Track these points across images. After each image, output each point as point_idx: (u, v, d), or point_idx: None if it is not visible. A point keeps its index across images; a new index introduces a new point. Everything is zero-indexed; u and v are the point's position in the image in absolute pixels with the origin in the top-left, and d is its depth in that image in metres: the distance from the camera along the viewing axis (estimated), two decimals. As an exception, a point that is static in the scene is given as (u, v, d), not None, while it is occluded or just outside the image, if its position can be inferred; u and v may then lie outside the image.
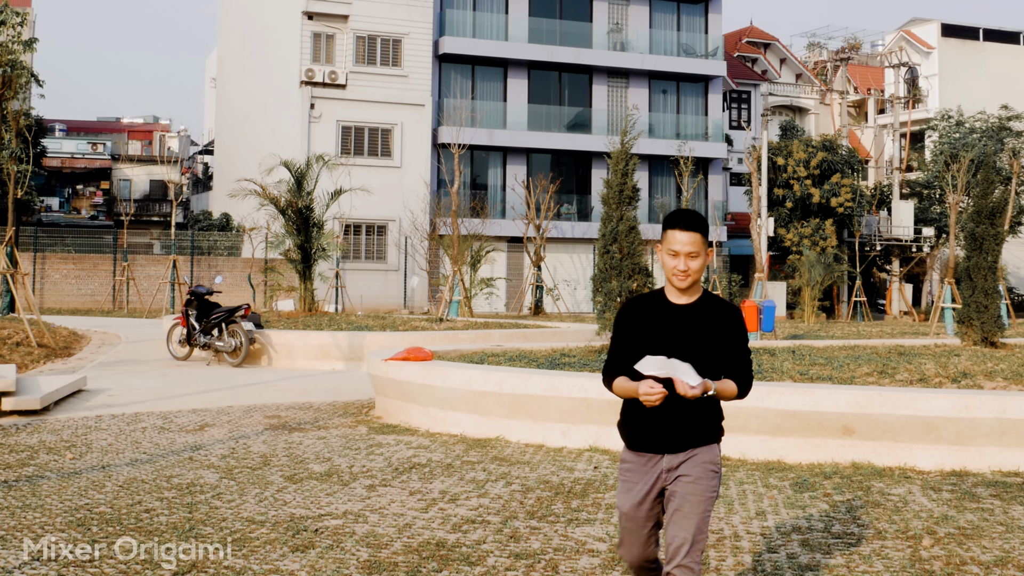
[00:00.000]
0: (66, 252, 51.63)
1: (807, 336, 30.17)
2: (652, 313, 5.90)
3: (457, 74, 55.97)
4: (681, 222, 5.81)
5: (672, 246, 5.78)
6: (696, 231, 5.77)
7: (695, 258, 5.76)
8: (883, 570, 7.88)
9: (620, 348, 5.97)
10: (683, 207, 6.65)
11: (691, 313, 5.85)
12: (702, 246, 5.82)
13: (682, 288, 5.83)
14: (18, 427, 14.51)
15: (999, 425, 11.74)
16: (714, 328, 5.81)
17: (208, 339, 24.77)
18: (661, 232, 5.99)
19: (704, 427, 5.88)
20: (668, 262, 5.81)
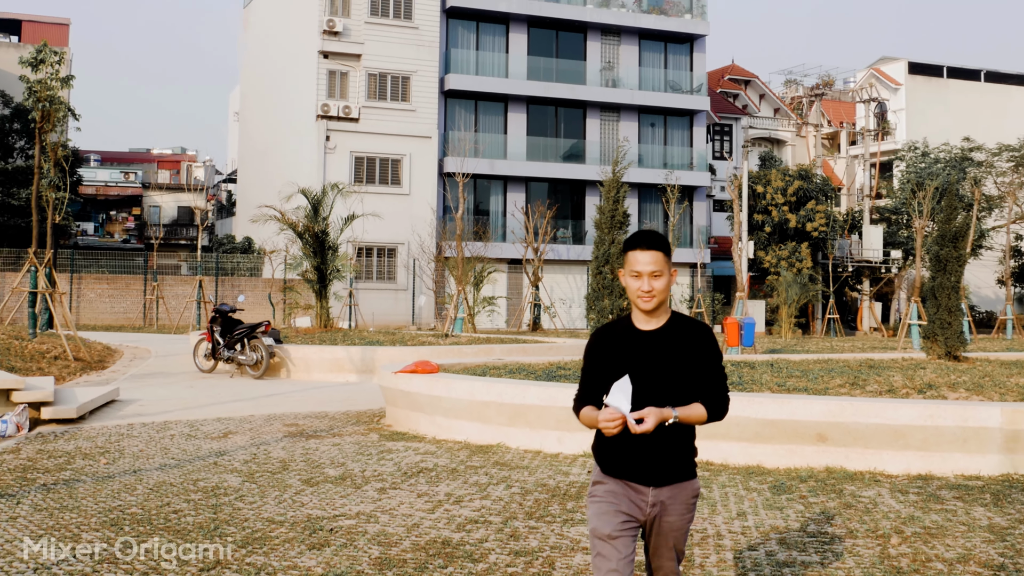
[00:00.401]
0: (100, 273, 51.62)
1: (784, 351, 30.16)
2: (619, 342, 5.36)
3: (461, 108, 56.04)
4: (642, 242, 5.29)
5: (634, 267, 5.26)
6: (657, 249, 5.26)
7: (658, 277, 5.24)
8: (854, 567, 7.88)
9: (588, 378, 5.46)
10: (646, 229, 5.29)
11: (659, 339, 5.29)
12: (665, 265, 5.29)
13: (648, 310, 5.26)
14: (56, 434, 14.51)
15: (961, 433, 11.75)
16: (685, 352, 5.25)
17: (231, 353, 24.77)
18: (622, 256, 5.79)
19: (683, 457, 5.33)
20: (631, 284, 5.29)
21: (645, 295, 5.22)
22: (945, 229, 21.33)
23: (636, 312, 5.37)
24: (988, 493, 10.62)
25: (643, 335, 5.30)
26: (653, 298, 5.22)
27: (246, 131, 67.44)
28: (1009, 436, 11.71)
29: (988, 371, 17.34)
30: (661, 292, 5.24)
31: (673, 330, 5.31)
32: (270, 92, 60.92)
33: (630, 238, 5.38)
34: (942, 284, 20.95)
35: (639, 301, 5.24)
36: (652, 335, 5.29)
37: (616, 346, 5.35)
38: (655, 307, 5.26)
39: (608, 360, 5.32)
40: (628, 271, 5.30)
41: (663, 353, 5.23)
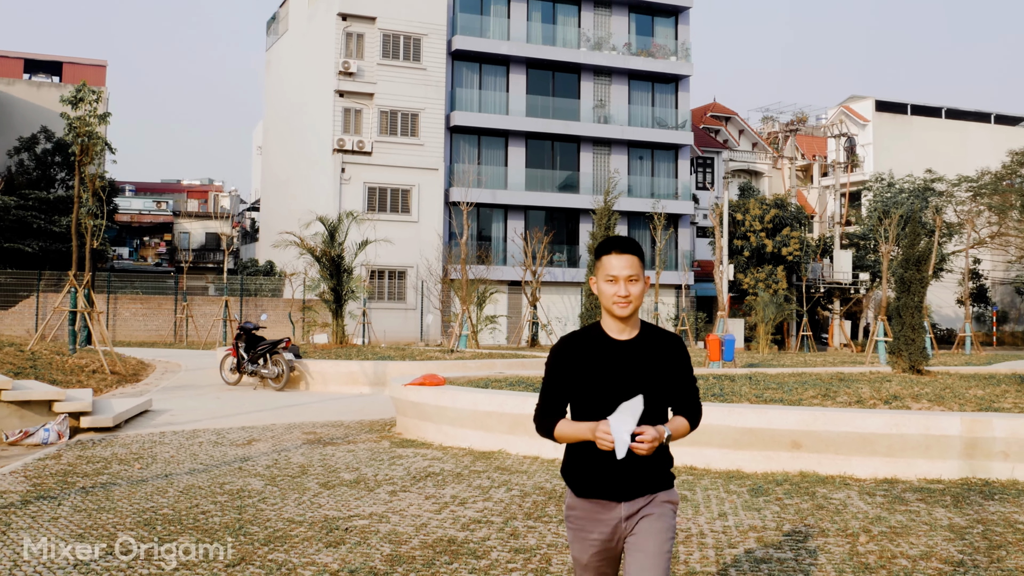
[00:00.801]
0: (134, 294, 51.63)
1: (762, 365, 30.14)
2: (592, 351, 4.74)
3: (465, 143, 56.10)
4: (616, 246, 4.74)
5: (609, 271, 4.69)
6: (632, 254, 4.72)
7: (635, 282, 4.69)
8: (826, 563, 7.88)
9: (556, 390, 4.78)
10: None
11: (634, 349, 4.73)
12: (640, 270, 4.75)
13: (623, 316, 4.68)
14: (94, 441, 14.51)
15: (924, 440, 11.76)
16: (661, 363, 4.72)
17: (255, 367, 24.77)
18: (594, 262, 4.93)
19: (660, 470, 4.74)
20: (606, 290, 4.71)
21: (622, 300, 4.66)
22: (909, 253, 21.35)
23: (608, 320, 4.79)
24: (948, 495, 10.62)
25: (619, 345, 4.73)
26: (629, 303, 4.67)
27: (268, 163, 67.52)
28: (968, 443, 11.72)
29: (948, 384, 17.33)
30: (637, 298, 4.71)
31: (647, 340, 4.79)
32: (290, 128, 61.01)
33: (603, 242, 4.81)
34: (906, 304, 20.96)
35: (615, 307, 4.68)
36: (628, 345, 4.74)
37: (589, 356, 4.73)
38: (631, 313, 4.71)
39: (581, 371, 4.71)
40: (603, 276, 4.74)
41: (641, 364, 4.69)
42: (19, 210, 53.45)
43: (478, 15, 56.61)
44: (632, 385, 4.61)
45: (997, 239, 67.98)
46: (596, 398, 4.64)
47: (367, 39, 53.53)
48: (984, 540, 8.64)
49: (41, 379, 19.43)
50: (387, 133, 53.56)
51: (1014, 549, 8.32)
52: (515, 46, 56.37)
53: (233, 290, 51.62)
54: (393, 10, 53.81)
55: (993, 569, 7.72)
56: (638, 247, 4.77)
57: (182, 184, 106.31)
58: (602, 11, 59.67)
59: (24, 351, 22.63)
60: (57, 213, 55.29)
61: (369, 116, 53.34)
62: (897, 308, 21.26)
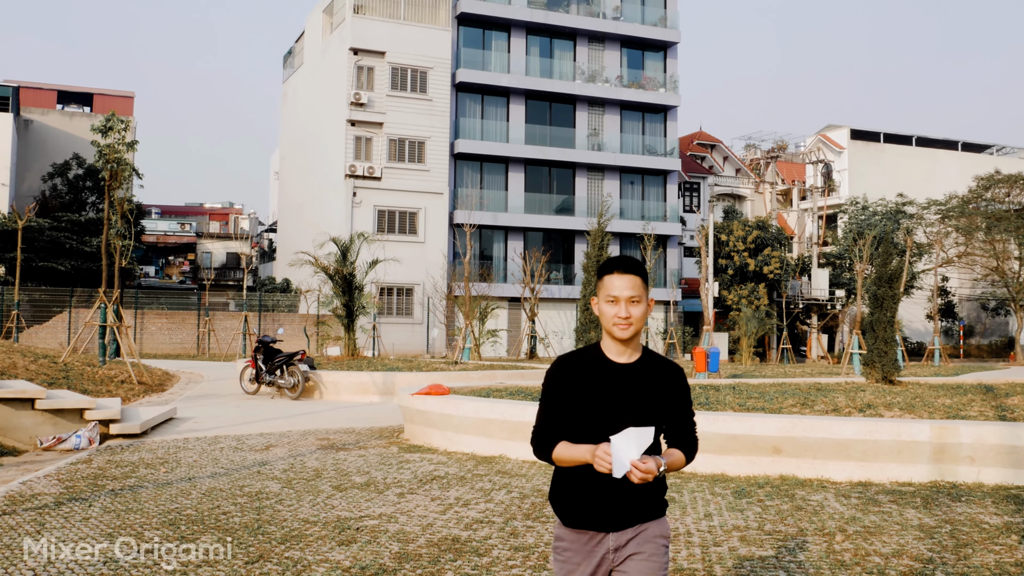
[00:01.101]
0: (160, 309, 51.64)
1: (744, 376, 30.14)
2: (591, 372, 4.26)
3: (468, 169, 56.15)
4: (619, 266, 4.29)
5: (611, 292, 4.25)
6: (635, 274, 4.28)
7: (637, 304, 4.24)
8: (804, 560, 7.89)
9: (554, 412, 4.29)
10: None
11: (634, 373, 4.26)
12: (643, 291, 4.29)
13: (624, 339, 4.23)
14: (122, 447, 14.52)
15: (896, 446, 11.77)
16: (660, 390, 4.26)
17: (272, 378, 24.78)
18: (596, 282, 4.43)
19: (652, 499, 4.26)
20: (607, 311, 4.26)
21: (622, 322, 4.21)
22: (882, 272, 21.38)
23: (609, 342, 4.32)
24: (919, 497, 10.63)
25: (618, 368, 4.27)
26: (631, 326, 4.21)
27: (285, 188, 67.56)
28: (936, 449, 11.73)
29: (919, 393, 17.35)
30: (639, 320, 4.24)
31: (648, 366, 4.32)
32: (305, 154, 61.07)
33: (606, 262, 4.38)
34: (879, 319, 20.99)
35: (615, 329, 4.23)
36: (628, 369, 4.27)
37: (587, 378, 4.26)
38: (632, 336, 4.25)
39: (579, 392, 4.23)
40: (604, 296, 4.31)
41: (640, 390, 4.23)
42: (53, 231, 53.50)
43: (480, 50, 56.73)
44: (629, 410, 4.17)
45: (964, 258, 67.99)
46: (592, 421, 4.18)
47: (377, 72, 53.62)
48: (952, 539, 8.65)
49: (73, 389, 19.44)
50: (395, 160, 53.62)
51: (979, 547, 8.33)
52: (515, 79, 56.48)
53: (252, 306, 51.62)
54: (401, 45, 53.93)
55: (960, 566, 7.73)
56: (642, 268, 4.31)
57: (204, 207, 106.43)
58: (596, 46, 59.80)
59: (57, 363, 22.63)
60: (88, 234, 55.36)
61: (379, 144, 53.39)
62: (871, 323, 21.28)
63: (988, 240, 65.60)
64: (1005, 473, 11.55)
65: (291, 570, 7.49)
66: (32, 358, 21.93)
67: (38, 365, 21.05)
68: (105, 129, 25.21)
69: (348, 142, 52.83)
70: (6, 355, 20.81)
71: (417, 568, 7.59)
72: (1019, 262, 66.70)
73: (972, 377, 27.90)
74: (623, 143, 59.87)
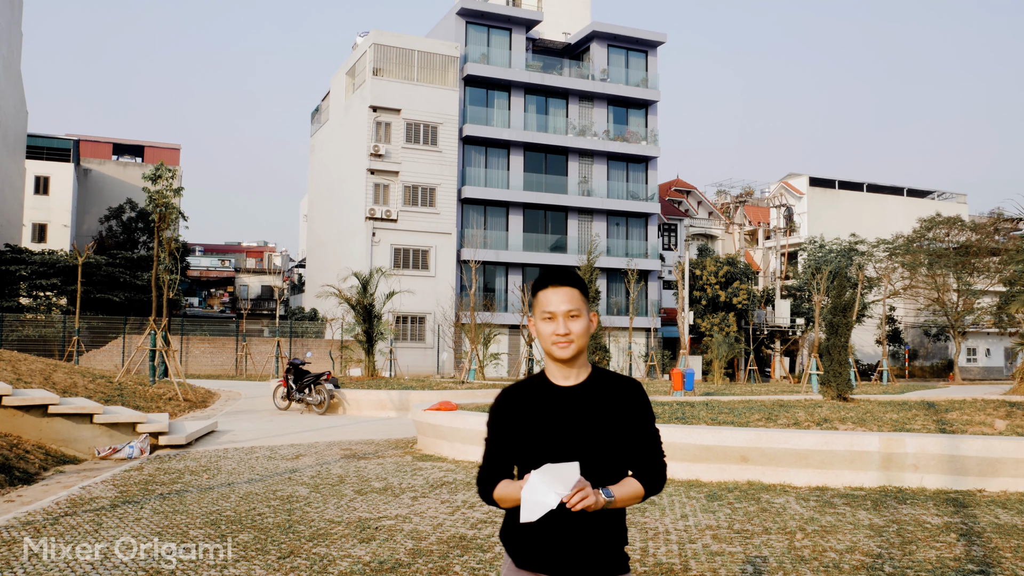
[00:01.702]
0: (203, 335, 51.62)
1: (716, 394, 30.11)
2: (534, 401, 3.47)
3: (474, 212, 56.25)
4: (553, 279, 3.48)
5: (547, 308, 3.43)
6: (572, 286, 3.45)
7: (576, 319, 3.42)
8: (768, 555, 7.90)
9: (497, 448, 3.49)
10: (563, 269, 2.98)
11: (581, 396, 3.43)
12: (583, 305, 3.46)
13: (565, 359, 3.41)
14: (170, 456, 14.52)
15: (849, 455, 11.78)
16: (614, 412, 3.40)
17: (302, 395, 24.77)
18: (531, 302, 3.58)
19: (611, 546, 3.34)
20: (544, 330, 3.43)
21: (562, 340, 3.39)
22: (837, 302, 21.45)
23: (552, 365, 3.50)
24: (869, 500, 10.63)
25: (562, 392, 3.45)
26: (571, 343, 3.40)
27: (312, 228, 67.66)
28: (885, 457, 11.74)
29: (869, 409, 17.35)
30: (580, 336, 3.43)
31: (597, 386, 3.46)
32: (330, 199, 61.18)
33: (539, 277, 3.53)
34: (834, 343, 21.03)
35: (555, 349, 3.41)
36: (573, 392, 3.44)
37: (531, 407, 3.45)
38: (573, 355, 3.42)
39: (522, 424, 3.42)
40: (540, 314, 3.47)
41: (587, 413, 3.39)
42: (108, 267, 53.53)
43: (484, 107, 56.93)
44: (576, 437, 3.34)
45: (909, 291, 68.09)
46: (536, 453, 3.34)
47: (393, 127, 53.80)
48: (898, 537, 8.66)
49: (127, 405, 19.44)
50: (410, 204, 53.71)
51: (923, 544, 8.34)
52: (514, 133, 56.68)
53: (284, 332, 51.64)
54: (415, 104, 54.14)
55: (905, 560, 7.74)
56: (579, 280, 3.50)
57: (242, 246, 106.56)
58: (585, 104, 60.01)
59: (113, 382, 22.62)
60: (140, 269, 55.40)
61: (395, 190, 53.51)
62: (827, 347, 21.32)
63: (930, 275, 65.73)
64: (945, 479, 11.56)
65: (318, 564, 7.50)
66: (91, 378, 21.93)
67: (96, 384, 21.05)
68: (155, 177, 25.31)
69: (368, 188, 52.94)
70: (68, 376, 20.82)
71: (429, 563, 7.59)
72: (957, 294, 66.90)
73: (916, 395, 27.93)
74: (609, 189, 59.98)
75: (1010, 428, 13.63)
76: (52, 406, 14.57)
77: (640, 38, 60.56)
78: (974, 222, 71.16)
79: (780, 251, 72.74)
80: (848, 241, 68.44)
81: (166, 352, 25.24)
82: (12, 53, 52.90)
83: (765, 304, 66.37)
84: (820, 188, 79.48)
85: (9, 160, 53.83)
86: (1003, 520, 9.51)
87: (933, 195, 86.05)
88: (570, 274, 3.44)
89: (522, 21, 57.70)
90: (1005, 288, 59.32)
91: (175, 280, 27.36)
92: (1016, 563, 7.67)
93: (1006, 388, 40.63)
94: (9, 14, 51.06)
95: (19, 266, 50.00)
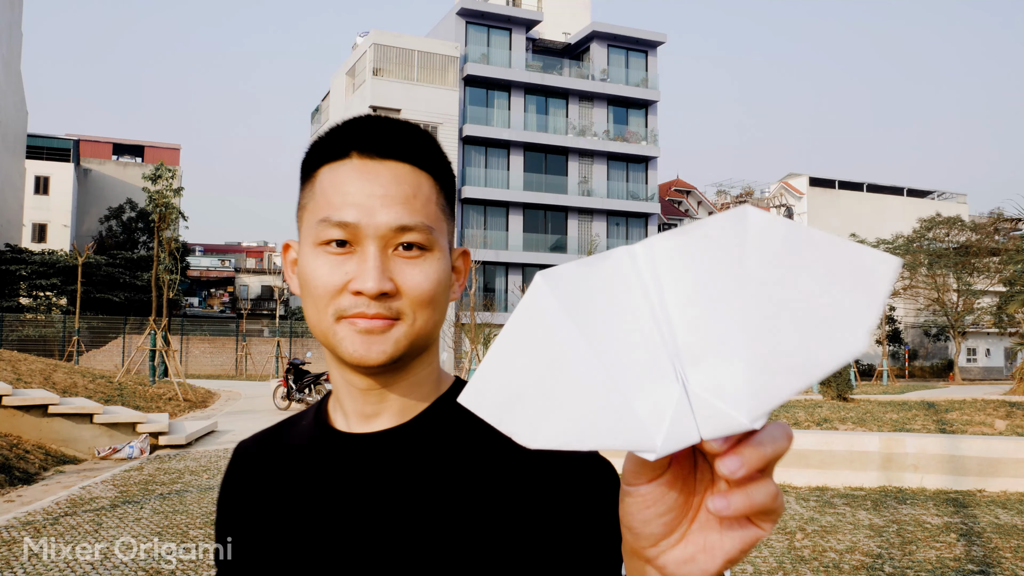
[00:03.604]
0: (203, 335, 51.65)
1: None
2: (292, 473, 1.22)
3: (474, 212, 56.27)
4: (365, 131, 1.19)
5: (333, 214, 1.11)
6: (407, 160, 1.17)
7: (418, 253, 1.13)
8: (768, 555, 7.91)
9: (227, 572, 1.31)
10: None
11: (404, 459, 1.13)
12: (438, 214, 1.19)
13: (376, 363, 1.10)
14: (170, 456, 14.53)
15: (849, 455, 11.79)
16: (497, 504, 1.06)
17: (302, 395, 24.78)
18: (300, 200, 1.25)
19: None
20: (320, 278, 1.13)
21: (369, 313, 1.10)
22: (836, 302, 21.46)
23: (341, 382, 1.22)
24: (869, 500, 10.64)
25: (355, 450, 1.17)
26: (395, 323, 1.11)
27: (313, 229, 67.59)
28: (885, 458, 11.75)
29: (869, 409, 17.36)
30: (421, 304, 1.13)
31: (454, 433, 1.15)
32: (331, 200, 61.15)
33: (331, 132, 1.22)
34: (834, 343, 21.04)
35: (348, 337, 1.12)
36: (381, 449, 1.15)
37: (283, 489, 1.22)
38: (399, 353, 1.11)
39: (261, 531, 1.25)
40: (312, 233, 1.16)
41: (414, 511, 1.09)
42: (108, 267, 53.57)
43: (484, 107, 56.96)
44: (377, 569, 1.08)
45: (909, 291, 68.08)
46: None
47: (394, 127, 53.80)
48: (898, 537, 8.67)
49: (127, 405, 19.45)
50: (410, 204, 53.69)
51: (922, 544, 8.35)
52: (514, 133, 56.70)
53: (284, 332, 51.65)
54: (415, 103, 54.14)
55: (905, 560, 7.75)
56: (425, 140, 1.27)
57: (242, 245, 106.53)
58: (585, 104, 60.03)
59: (113, 382, 22.64)
60: (139, 269, 55.42)
61: (395, 190, 53.50)
62: (827, 347, 21.32)
63: (930, 275, 65.72)
64: (945, 479, 11.57)
65: (318, 564, 7.50)
66: (91, 378, 21.95)
67: (96, 384, 21.07)
68: (155, 177, 25.33)
69: (368, 189, 52.88)
70: (68, 376, 20.84)
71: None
72: (957, 294, 66.86)
73: (916, 395, 27.94)
74: (609, 189, 60.00)
75: (1010, 428, 13.65)
76: (52, 406, 14.59)
77: (640, 38, 60.58)
78: (974, 222, 71.13)
79: (780, 251, 72.52)
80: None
81: (166, 352, 25.26)
82: (12, 53, 52.91)
83: (765, 304, 66.29)
84: (820, 188, 79.46)
85: (9, 160, 53.84)
86: (1003, 520, 9.51)
87: (933, 195, 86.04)
88: (401, 128, 1.24)
89: (522, 21, 57.71)
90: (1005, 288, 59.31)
91: (175, 280, 27.38)
92: (1016, 563, 7.68)
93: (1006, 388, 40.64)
94: (9, 14, 51.06)
95: (19, 266, 50.04)
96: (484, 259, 52.51)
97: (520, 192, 56.75)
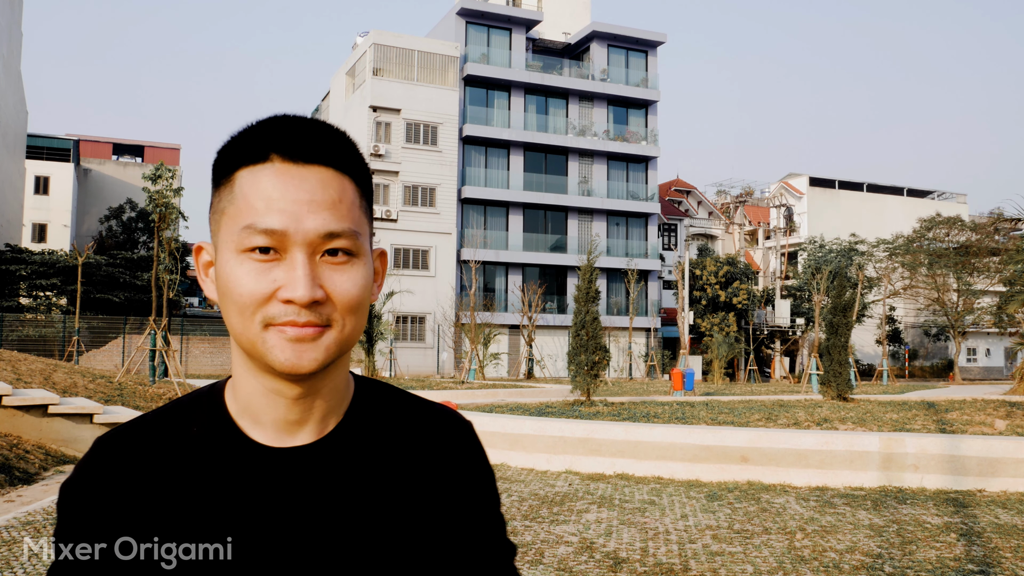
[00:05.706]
0: (203, 335, 51.63)
1: (716, 394, 30.12)
2: (194, 489, 1.20)
3: (474, 212, 56.26)
4: (286, 134, 1.18)
5: (257, 220, 1.11)
6: (329, 164, 1.21)
7: (344, 260, 1.14)
8: (768, 555, 7.91)
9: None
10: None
11: (327, 475, 1.18)
12: (360, 217, 1.20)
13: (304, 372, 1.11)
14: (169, 456, 14.51)
15: (849, 455, 11.79)
16: (407, 502, 1.21)
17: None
18: (213, 200, 1.20)
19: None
20: (244, 286, 1.11)
21: (301, 322, 1.10)
22: (836, 302, 21.45)
23: (255, 391, 1.18)
24: (869, 500, 10.64)
25: (277, 466, 1.18)
26: (325, 331, 1.13)
27: (313, 229, 67.57)
28: (884, 457, 11.75)
29: (869, 409, 17.37)
30: (350, 310, 1.14)
31: (364, 444, 1.24)
32: (331, 200, 61.11)
33: (246, 131, 1.19)
34: (834, 343, 21.04)
35: (278, 346, 1.11)
36: (305, 464, 1.19)
37: (205, 504, 1.23)
38: (327, 360, 1.13)
39: (184, 544, 1.28)
40: (233, 239, 1.13)
41: (338, 519, 1.17)
42: (108, 267, 53.55)
43: (484, 107, 56.97)
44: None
45: (909, 291, 68.12)
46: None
47: (393, 127, 53.83)
48: (898, 537, 8.67)
49: (127, 405, 19.43)
50: (410, 204, 53.72)
51: (923, 544, 8.35)
52: (514, 133, 56.71)
53: (283, 332, 51.69)
54: (414, 103, 54.17)
55: (905, 560, 7.75)
56: (343, 143, 1.33)
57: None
58: (585, 104, 60.04)
59: (113, 382, 22.62)
60: (140, 270, 55.42)
61: (395, 190, 53.52)
62: (827, 347, 21.32)
63: (930, 275, 65.75)
64: (945, 479, 11.57)
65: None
66: (91, 378, 21.93)
67: (96, 384, 21.05)
68: (155, 177, 25.31)
69: (368, 188, 52.88)
70: (68, 375, 20.82)
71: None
72: (957, 294, 66.90)
73: (916, 395, 27.95)
74: (609, 189, 60.01)
75: (1010, 428, 13.65)
76: (52, 406, 14.57)
77: (640, 38, 60.58)
78: (974, 222, 71.14)
79: (780, 251, 72.75)
80: (848, 241, 68.44)
81: (166, 352, 25.24)
82: (12, 53, 52.89)
83: (765, 304, 66.37)
84: (820, 188, 79.46)
85: (9, 160, 53.83)
86: (1003, 520, 9.51)
87: (933, 195, 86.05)
88: (321, 130, 1.28)
89: (522, 21, 57.72)
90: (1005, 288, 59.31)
91: (175, 280, 27.36)
92: (1016, 563, 7.68)
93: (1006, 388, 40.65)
94: (9, 14, 51.04)
95: (19, 266, 50.03)
96: (484, 259, 52.57)
97: (520, 192, 56.75)
